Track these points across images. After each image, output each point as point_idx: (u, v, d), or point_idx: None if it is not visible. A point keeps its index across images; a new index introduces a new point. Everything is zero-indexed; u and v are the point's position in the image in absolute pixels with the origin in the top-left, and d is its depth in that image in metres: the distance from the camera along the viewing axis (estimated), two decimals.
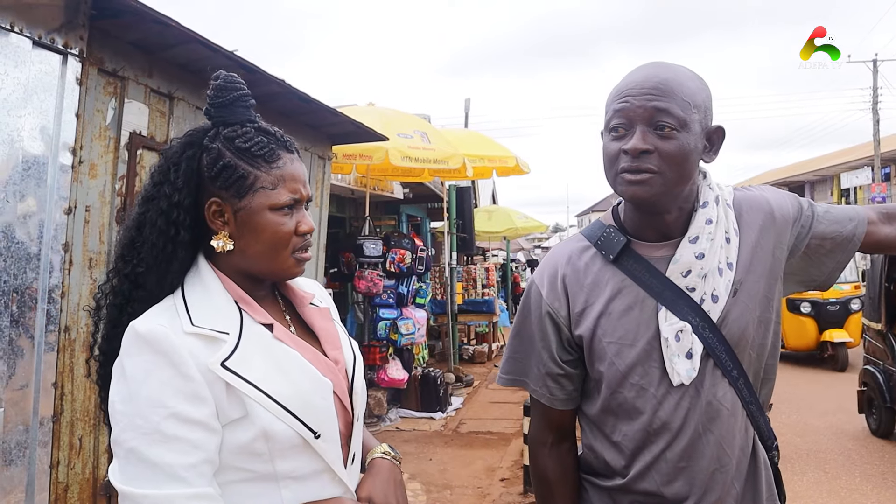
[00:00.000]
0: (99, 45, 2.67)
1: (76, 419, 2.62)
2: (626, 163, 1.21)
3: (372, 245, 6.52)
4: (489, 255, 19.63)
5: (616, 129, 1.22)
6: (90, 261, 2.70)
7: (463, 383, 8.41)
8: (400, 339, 6.75)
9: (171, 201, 1.06)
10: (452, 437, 6.09)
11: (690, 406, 1.24)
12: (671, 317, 1.24)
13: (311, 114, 4.34)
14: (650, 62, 1.28)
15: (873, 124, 21.59)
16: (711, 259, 1.24)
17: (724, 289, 1.25)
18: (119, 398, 0.98)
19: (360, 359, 1.21)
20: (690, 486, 1.25)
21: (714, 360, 1.25)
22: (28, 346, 2.36)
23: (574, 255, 1.35)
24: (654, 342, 1.25)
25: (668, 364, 1.23)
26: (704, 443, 1.24)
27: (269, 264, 1.09)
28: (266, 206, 1.06)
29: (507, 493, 4.60)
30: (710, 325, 1.24)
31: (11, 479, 2.29)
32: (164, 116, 3.15)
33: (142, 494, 0.93)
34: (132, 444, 0.95)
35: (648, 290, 1.26)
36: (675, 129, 1.18)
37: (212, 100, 1.10)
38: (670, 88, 1.19)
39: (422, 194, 10.53)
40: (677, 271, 1.25)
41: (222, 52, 3.07)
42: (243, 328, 1.05)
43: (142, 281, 1.07)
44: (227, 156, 1.06)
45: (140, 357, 0.98)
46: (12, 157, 2.28)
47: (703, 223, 1.26)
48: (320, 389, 1.08)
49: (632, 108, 1.19)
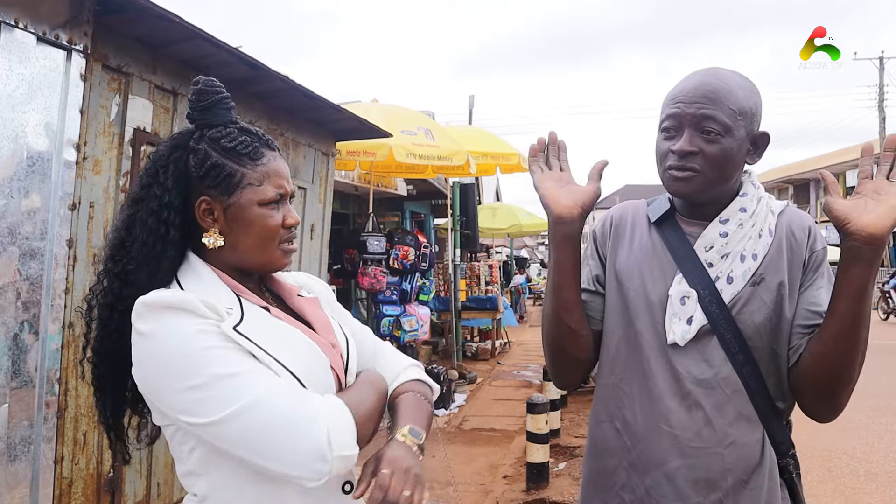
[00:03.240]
0: (103, 42, 2.68)
1: (80, 415, 2.62)
2: (672, 161, 1.33)
3: (375, 242, 6.52)
4: (492, 252, 19.62)
5: (667, 129, 1.35)
6: (94, 257, 2.70)
7: (466, 380, 8.41)
8: (403, 335, 6.76)
9: (161, 201, 1.10)
10: (455, 434, 6.09)
11: (684, 373, 1.31)
12: (683, 281, 1.35)
13: (314, 110, 4.34)
14: (704, 69, 1.37)
15: (879, 122, 21.51)
16: (736, 243, 1.34)
17: (741, 274, 1.33)
18: (151, 362, 1.02)
19: (353, 342, 1.25)
20: (667, 453, 1.30)
21: (718, 338, 1.31)
22: (32, 341, 2.37)
23: (629, 209, 1.53)
24: (664, 301, 1.36)
25: (668, 322, 1.34)
26: (692, 416, 1.30)
27: (259, 256, 1.14)
28: (254, 201, 1.12)
29: (509, 489, 4.60)
30: (718, 301, 1.31)
31: (16, 475, 2.30)
32: (169, 113, 3.15)
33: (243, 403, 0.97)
34: (201, 378, 0.98)
35: (674, 256, 1.38)
36: (720, 135, 1.29)
37: (193, 104, 1.15)
38: (718, 97, 1.30)
39: (425, 191, 10.53)
40: (702, 245, 1.36)
41: (226, 49, 3.07)
42: (244, 307, 1.10)
43: (132, 278, 1.09)
44: (214, 156, 1.11)
45: (157, 317, 1.01)
46: (17, 153, 2.29)
47: (737, 209, 1.37)
48: (320, 362, 1.13)
49: (682, 114, 1.32)
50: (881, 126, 21.46)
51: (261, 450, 0.98)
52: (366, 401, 1.11)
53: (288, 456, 0.98)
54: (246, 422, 0.97)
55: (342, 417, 1.02)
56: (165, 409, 1.04)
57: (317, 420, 0.99)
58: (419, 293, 7.29)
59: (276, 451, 0.98)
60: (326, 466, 0.98)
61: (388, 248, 6.69)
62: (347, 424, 1.03)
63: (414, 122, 6.71)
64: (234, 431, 0.98)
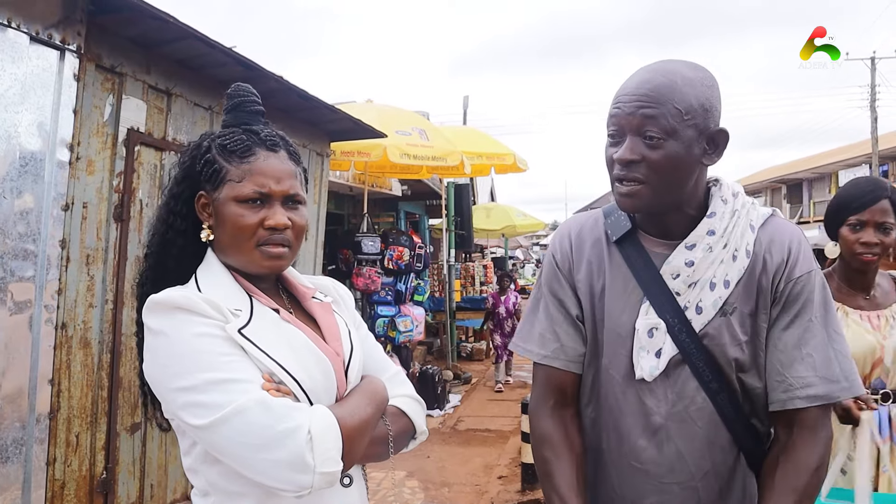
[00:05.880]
0: (97, 41, 2.66)
1: (73, 416, 2.61)
2: (617, 170, 1.22)
3: (370, 242, 6.51)
4: (487, 252, 19.61)
5: (611, 136, 1.23)
6: (87, 257, 2.69)
7: (461, 381, 8.41)
8: (398, 336, 6.75)
9: (171, 192, 1.19)
10: (450, 435, 6.08)
11: (654, 407, 1.23)
12: (651, 311, 1.24)
13: (309, 110, 4.33)
14: (649, 65, 1.25)
15: (871, 122, 21.60)
16: (704, 270, 1.22)
17: (710, 304, 1.22)
18: (153, 358, 1.06)
19: (357, 351, 1.25)
20: (641, 489, 1.25)
21: (690, 367, 1.22)
22: (25, 342, 2.35)
23: (586, 226, 1.39)
24: (631, 334, 1.25)
25: (635, 356, 1.24)
26: (663, 453, 1.23)
27: (236, 255, 1.14)
28: (230, 197, 1.12)
29: (504, 490, 4.60)
30: (688, 331, 1.22)
31: (8, 476, 2.29)
32: (162, 112, 3.14)
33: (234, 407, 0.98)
34: (194, 380, 1.00)
35: (639, 280, 1.26)
36: (662, 139, 1.17)
37: (224, 108, 1.22)
38: (661, 95, 1.17)
39: (420, 191, 10.52)
40: (668, 272, 1.24)
41: (220, 49, 3.06)
42: (253, 308, 1.12)
43: (152, 262, 1.18)
44: (212, 152, 1.16)
45: (163, 315, 1.05)
46: (9, 153, 2.27)
47: (704, 233, 1.24)
48: (323, 368, 1.13)
49: (622, 116, 1.20)
50: (873, 126, 21.52)
51: (241, 459, 0.99)
52: (359, 412, 1.10)
53: (265, 468, 0.98)
54: (229, 430, 0.97)
55: (327, 430, 1.01)
56: (165, 405, 1.07)
57: (297, 432, 0.98)
58: (414, 293, 7.28)
59: (255, 462, 0.98)
60: (308, 478, 0.98)
61: (383, 248, 6.68)
62: (333, 437, 1.01)
63: (408, 123, 6.70)
64: (220, 438, 0.98)
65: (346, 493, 1.13)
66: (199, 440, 1.03)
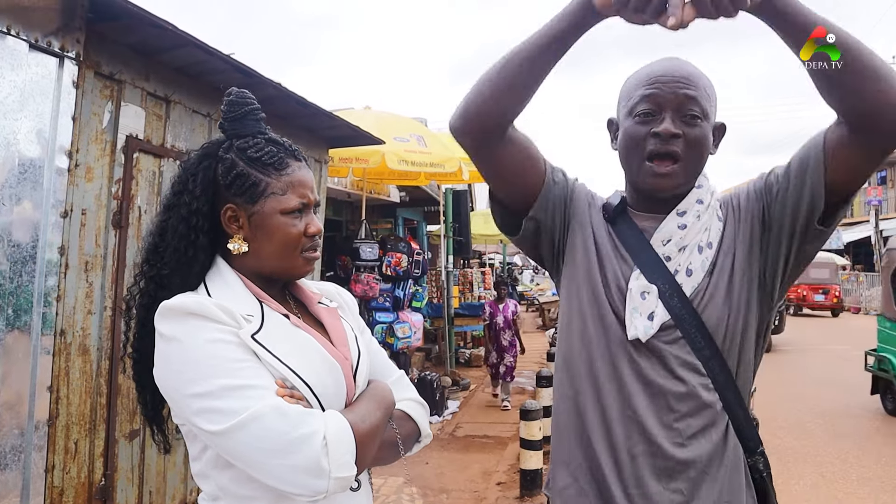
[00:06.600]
0: (96, 49, 2.67)
1: (72, 423, 2.61)
2: (654, 145, 1.27)
3: (368, 248, 6.52)
4: (485, 258, 19.60)
5: (645, 113, 1.28)
6: (86, 264, 2.69)
7: (459, 387, 8.40)
8: (396, 342, 6.75)
9: (190, 208, 1.16)
10: (449, 441, 6.07)
11: (644, 368, 1.27)
12: (641, 277, 1.30)
13: (307, 117, 4.34)
14: (665, 57, 1.33)
15: None
16: (694, 234, 1.31)
17: (699, 265, 1.29)
18: (167, 364, 1.05)
19: (364, 355, 1.27)
20: (632, 437, 1.28)
21: (682, 332, 1.27)
22: (24, 349, 2.35)
23: (596, 198, 1.47)
24: (621, 301, 1.31)
25: (628, 318, 1.29)
26: (656, 404, 1.27)
27: (281, 263, 1.17)
28: (277, 210, 1.15)
29: (503, 497, 4.60)
30: (679, 295, 1.27)
31: (6, 484, 2.28)
32: (161, 120, 3.15)
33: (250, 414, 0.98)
34: (209, 386, 1.00)
35: (630, 252, 1.34)
36: (700, 118, 1.26)
37: (225, 114, 1.21)
38: (697, 80, 1.27)
39: (418, 198, 10.54)
40: (659, 239, 1.32)
41: (219, 56, 3.07)
42: (265, 314, 1.13)
43: (166, 282, 1.15)
44: (240, 165, 1.16)
45: (176, 321, 1.05)
46: (8, 160, 2.28)
47: (694, 201, 1.33)
48: (334, 373, 1.15)
49: (662, 94, 1.26)
50: None
51: (257, 465, 1.00)
52: (370, 417, 1.12)
53: (282, 473, 0.99)
54: (245, 435, 0.98)
55: (342, 435, 1.03)
56: (178, 410, 1.07)
57: (312, 438, 0.99)
58: (412, 300, 7.29)
59: (271, 467, 0.99)
60: (323, 483, 0.99)
61: (381, 254, 6.68)
62: (347, 442, 1.03)
63: (406, 129, 6.72)
64: (236, 444, 0.99)
65: (355, 497, 1.14)
66: (213, 446, 1.04)
